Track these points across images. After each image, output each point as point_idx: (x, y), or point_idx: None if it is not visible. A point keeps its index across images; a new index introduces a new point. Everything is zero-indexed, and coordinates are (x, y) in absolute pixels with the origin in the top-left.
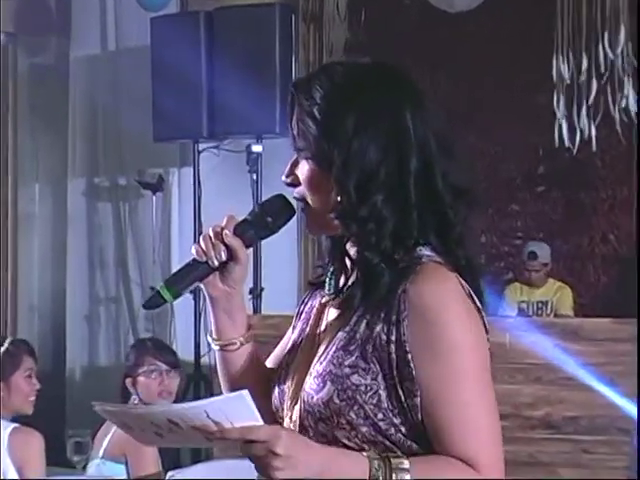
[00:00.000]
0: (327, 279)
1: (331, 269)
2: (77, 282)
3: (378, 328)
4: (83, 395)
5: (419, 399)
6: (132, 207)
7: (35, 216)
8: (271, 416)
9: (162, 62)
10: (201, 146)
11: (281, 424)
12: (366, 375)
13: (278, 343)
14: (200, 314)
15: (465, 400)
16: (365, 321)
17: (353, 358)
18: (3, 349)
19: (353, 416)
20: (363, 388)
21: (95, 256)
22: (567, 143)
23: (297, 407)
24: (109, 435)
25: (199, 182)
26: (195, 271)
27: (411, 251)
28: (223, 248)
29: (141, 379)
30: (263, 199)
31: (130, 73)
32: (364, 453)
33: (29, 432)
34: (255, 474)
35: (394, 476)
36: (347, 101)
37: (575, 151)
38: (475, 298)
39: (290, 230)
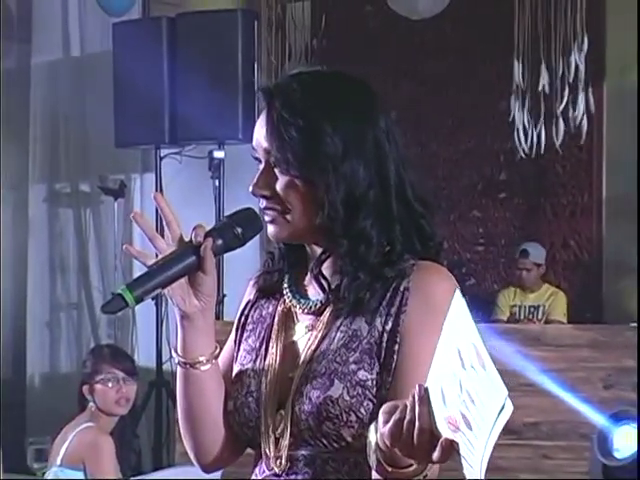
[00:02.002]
0: (286, 286)
1: (286, 276)
2: (38, 288)
3: (377, 321)
4: (44, 402)
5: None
6: (94, 213)
7: None
8: (229, 430)
9: (124, 67)
10: (163, 152)
11: (248, 434)
12: (372, 370)
13: None
14: (162, 320)
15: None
16: (364, 319)
17: (357, 354)
18: None
19: (363, 412)
20: (370, 383)
21: (56, 262)
22: (528, 150)
23: (285, 411)
24: (67, 442)
25: (161, 188)
26: (159, 276)
27: (399, 262)
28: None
29: (98, 387)
30: (225, 206)
31: (93, 78)
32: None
33: None
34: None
35: None
36: (333, 120)
37: (536, 158)
38: None
39: None
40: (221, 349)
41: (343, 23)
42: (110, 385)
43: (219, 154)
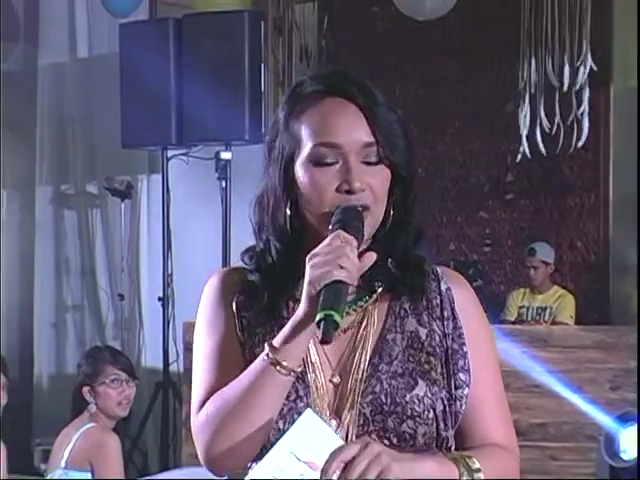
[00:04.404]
0: None
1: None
2: (45, 290)
3: (434, 325)
4: (50, 403)
5: (468, 390)
6: (100, 214)
7: (2, 223)
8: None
9: (131, 68)
10: (170, 153)
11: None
12: (437, 371)
13: None
14: (169, 321)
15: (502, 390)
16: (415, 320)
17: (425, 355)
18: None
19: (438, 410)
20: (439, 382)
21: (62, 263)
22: (534, 151)
23: (345, 414)
24: (70, 444)
25: (168, 189)
26: (343, 290)
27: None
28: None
29: (101, 389)
30: (232, 208)
31: (100, 80)
32: (448, 456)
33: None
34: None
35: (475, 476)
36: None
37: (543, 159)
38: None
39: None
40: None
41: (350, 24)
42: (114, 386)
43: (226, 155)
